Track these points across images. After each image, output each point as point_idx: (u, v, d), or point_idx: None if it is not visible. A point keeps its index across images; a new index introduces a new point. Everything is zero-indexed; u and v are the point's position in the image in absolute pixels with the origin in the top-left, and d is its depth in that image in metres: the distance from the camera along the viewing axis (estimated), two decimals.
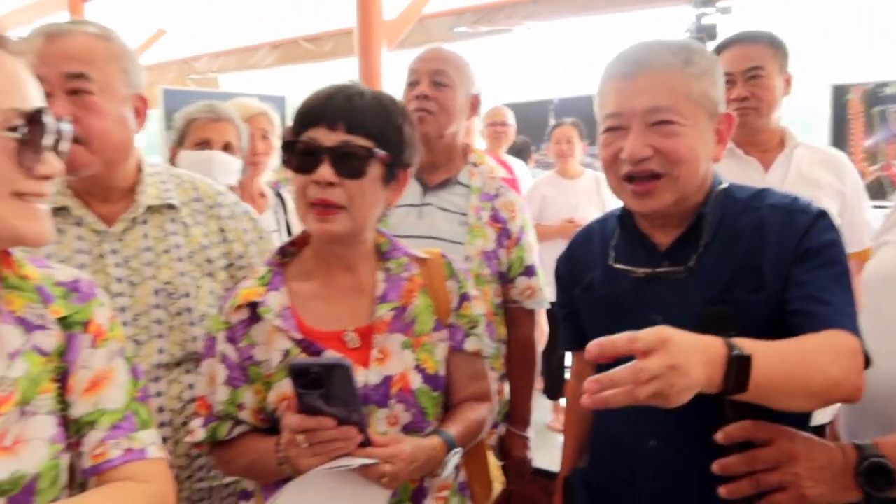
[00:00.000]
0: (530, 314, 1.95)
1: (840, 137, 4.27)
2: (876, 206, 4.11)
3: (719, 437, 1.04)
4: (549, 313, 2.05)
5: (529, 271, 1.90)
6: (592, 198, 4.16)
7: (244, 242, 1.58)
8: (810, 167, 2.10)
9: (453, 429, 1.27)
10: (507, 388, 1.96)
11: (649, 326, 1.08)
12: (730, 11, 3.65)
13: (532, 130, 5.12)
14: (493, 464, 1.50)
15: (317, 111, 1.22)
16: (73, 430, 0.95)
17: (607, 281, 1.27)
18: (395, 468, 1.13)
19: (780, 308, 1.11)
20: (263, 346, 1.25)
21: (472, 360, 1.37)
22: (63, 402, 0.94)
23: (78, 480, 0.96)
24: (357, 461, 1.11)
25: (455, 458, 1.25)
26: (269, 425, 1.27)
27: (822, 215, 1.16)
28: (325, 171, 1.19)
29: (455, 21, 6.31)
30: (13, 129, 0.84)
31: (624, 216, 1.30)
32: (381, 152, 1.22)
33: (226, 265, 1.55)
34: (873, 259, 1.45)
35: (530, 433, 2.00)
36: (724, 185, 1.23)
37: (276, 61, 7.47)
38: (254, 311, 1.25)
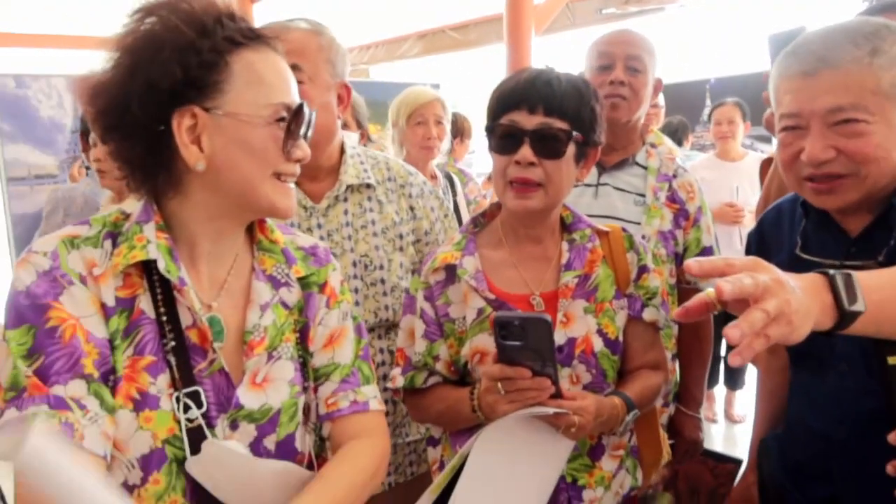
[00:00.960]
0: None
1: None
2: None
3: (892, 437, 1.01)
4: None
5: (706, 252, 1.89)
6: (754, 181, 3.97)
7: (431, 220, 1.70)
8: None
9: (631, 391, 1.35)
10: (678, 368, 1.97)
11: None
12: None
13: (688, 112, 4.95)
14: (663, 436, 1.54)
15: (518, 95, 1.30)
16: (312, 377, 1.10)
17: (794, 269, 1.25)
18: (584, 419, 1.22)
19: None
20: (458, 305, 1.38)
21: (648, 329, 1.44)
22: (302, 351, 1.08)
23: (312, 420, 1.10)
24: (550, 409, 1.20)
25: (632, 418, 1.33)
26: (459, 378, 1.41)
27: None
28: (526, 152, 1.28)
29: (603, 2, 6.21)
30: (281, 119, 0.98)
31: (806, 202, 1.25)
32: (577, 134, 1.29)
33: (414, 240, 1.67)
34: None
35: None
36: None
37: (423, 51, 7.70)
38: (450, 273, 1.39)
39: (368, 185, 1.64)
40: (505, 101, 1.32)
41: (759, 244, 1.40)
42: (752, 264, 0.80)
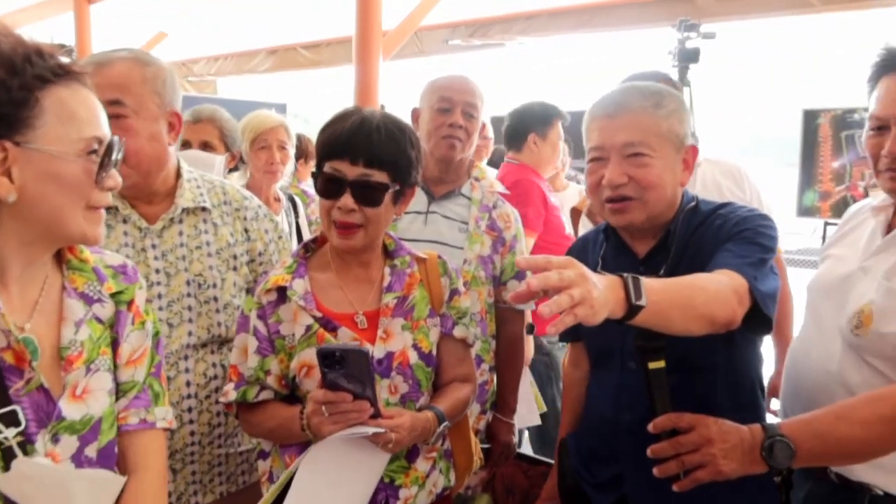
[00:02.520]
0: (519, 314, 2.17)
1: (809, 158, 4.54)
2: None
3: (650, 427, 1.26)
4: None
5: (520, 276, 2.12)
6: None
7: (265, 241, 1.80)
8: (714, 180, 2.30)
9: (443, 405, 1.54)
10: (495, 379, 2.18)
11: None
12: (713, 37, 3.83)
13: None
14: (475, 442, 1.74)
15: (341, 145, 1.46)
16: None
17: None
18: (399, 436, 1.39)
19: None
20: (288, 323, 1.50)
21: (458, 345, 1.64)
22: (114, 365, 1.15)
23: None
24: (370, 429, 1.36)
25: (443, 429, 1.52)
26: (290, 392, 1.53)
27: (766, 218, 1.40)
28: (348, 200, 1.44)
29: (450, 34, 6.54)
30: (93, 151, 1.04)
31: (608, 230, 1.54)
32: (394, 185, 1.47)
33: (248, 261, 1.77)
34: (818, 270, 1.68)
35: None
36: (693, 202, 1.47)
37: (273, 67, 7.66)
38: (281, 294, 1.51)
39: (204, 209, 1.71)
40: (329, 149, 1.47)
41: None
42: (566, 262, 1.02)
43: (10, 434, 0.98)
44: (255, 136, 2.76)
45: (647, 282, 1.10)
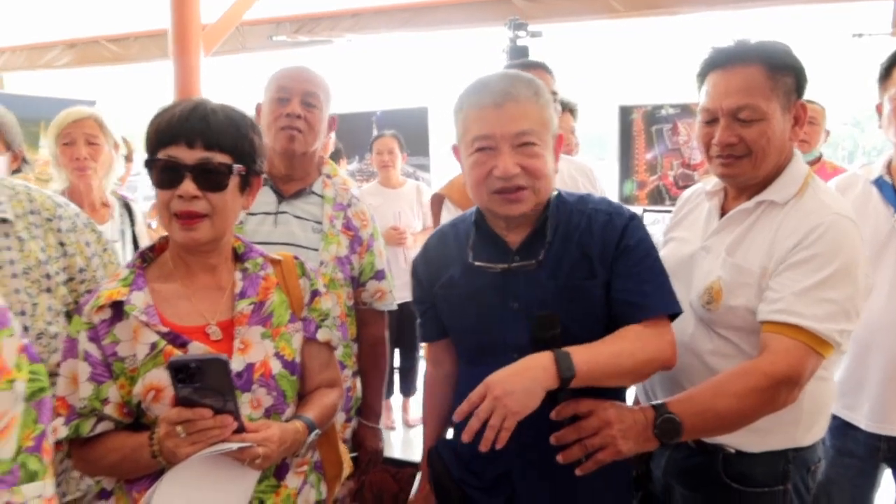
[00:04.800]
0: (380, 315, 2.10)
1: (626, 151, 4.89)
2: (655, 211, 4.79)
3: (553, 415, 1.29)
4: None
5: (379, 275, 2.05)
6: (414, 206, 4.36)
7: (86, 256, 1.58)
8: (570, 175, 2.44)
9: (312, 413, 1.44)
10: (359, 384, 2.09)
11: (508, 312, 1.40)
12: (540, 35, 4.03)
13: (355, 141, 5.27)
14: (343, 450, 1.66)
15: (174, 130, 1.31)
16: None
17: (468, 277, 1.47)
18: (268, 450, 1.27)
19: (608, 292, 1.39)
20: (128, 343, 1.32)
21: (323, 349, 1.54)
22: None
23: None
24: (235, 445, 1.22)
25: (314, 438, 1.42)
26: (132, 420, 1.34)
27: (634, 217, 1.45)
28: (189, 186, 1.30)
29: (274, 29, 6.29)
30: None
31: (479, 221, 1.50)
32: (238, 166, 1.35)
33: (66, 279, 1.54)
34: (662, 252, 1.79)
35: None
36: (556, 192, 1.48)
37: (74, 62, 6.93)
38: (117, 311, 1.32)
39: (4, 220, 1.46)
40: (162, 136, 1.32)
41: (426, 264, 1.59)
42: (482, 390, 1.24)
43: None
44: (59, 132, 2.45)
45: (573, 351, 1.26)
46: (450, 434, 1.67)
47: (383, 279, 2.06)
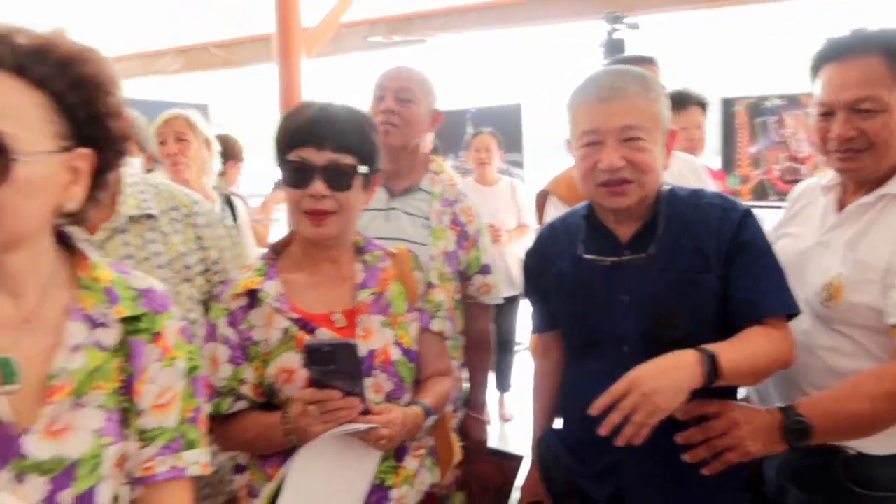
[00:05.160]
0: (486, 309, 2.15)
1: (728, 145, 4.75)
2: (759, 207, 4.62)
3: (680, 415, 1.29)
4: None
5: (485, 270, 2.10)
6: (509, 203, 4.39)
7: (219, 249, 1.69)
8: (679, 171, 2.37)
9: (428, 399, 1.50)
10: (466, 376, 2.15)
11: (618, 305, 1.41)
12: (637, 27, 3.96)
13: (450, 139, 5.35)
14: (454, 437, 1.72)
15: (305, 134, 1.41)
16: (137, 433, 1.02)
17: (578, 270, 1.50)
18: (391, 432, 1.35)
19: (724, 286, 1.39)
20: (262, 328, 1.43)
21: (436, 339, 1.61)
22: (125, 402, 1.00)
23: (124, 480, 1.02)
24: (362, 426, 1.30)
25: (431, 423, 1.50)
26: (266, 400, 1.45)
27: (749, 213, 1.43)
28: (319, 187, 1.39)
29: (369, 30, 6.45)
30: None
31: (589, 215, 1.53)
32: (363, 167, 1.43)
33: (202, 270, 1.65)
34: (775, 247, 1.75)
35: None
36: (668, 186, 1.49)
37: (184, 67, 7.34)
38: (252, 298, 1.43)
39: (150, 216, 1.59)
40: (293, 138, 1.42)
41: (537, 257, 1.63)
42: (626, 386, 1.23)
43: None
44: (155, 133, 2.68)
45: (720, 355, 1.26)
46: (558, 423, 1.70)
47: (489, 273, 2.10)
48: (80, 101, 0.92)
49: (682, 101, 3.04)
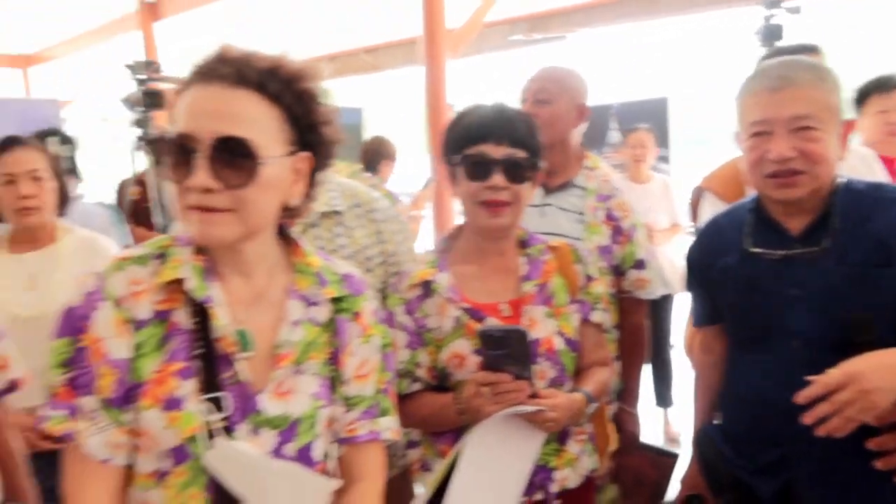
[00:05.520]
0: (640, 303, 2.16)
1: None
2: None
3: (874, 421, 1.26)
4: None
5: (640, 265, 2.10)
6: (661, 202, 4.26)
7: (395, 242, 1.82)
8: (849, 163, 2.25)
9: (589, 387, 1.57)
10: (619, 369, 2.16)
11: (788, 299, 1.40)
12: (798, 11, 3.71)
13: (592, 135, 5.30)
14: (611, 426, 1.78)
15: (486, 129, 1.51)
16: (342, 399, 1.17)
17: (744, 264, 1.49)
18: (557, 415, 1.43)
19: None
20: (436, 316, 1.55)
21: (596, 330, 1.66)
22: (332, 371, 1.16)
23: (332, 439, 1.18)
24: (531, 408, 1.39)
25: (593, 410, 1.56)
26: (438, 383, 1.56)
27: None
28: (498, 179, 1.49)
29: (510, 29, 6.54)
30: None
31: (757, 208, 1.51)
32: (534, 161, 1.53)
33: (380, 262, 1.79)
34: None
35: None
36: (844, 178, 1.45)
37: (335, 72, 7.77)
38: (426, 289, 1.56)
39: (337, 212, 1.74)
40: (473, 134, 1.52)
41: (700, 251, 1.63)
42: (844, 380, 1.21)
43: (215, 418, 1.02)
44: None
45: None
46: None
47: (644, 268, 2.11)
48: (303, 112, 1.06)
49: (886, 85, 2.82)
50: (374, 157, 4.45)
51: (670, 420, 4.37)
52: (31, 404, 1.78)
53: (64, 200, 2.18)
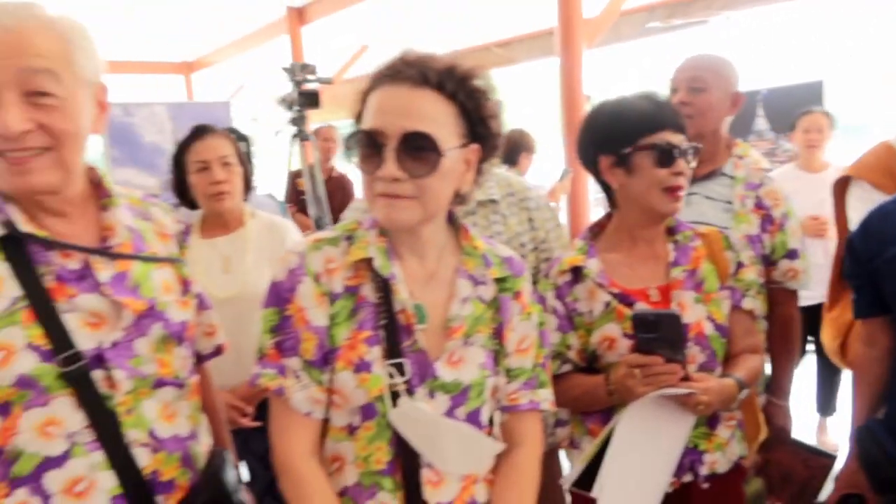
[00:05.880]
0: (791, 294, 2.10)
1: None
2: None
3: None
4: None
5: (792, 255, 2.05)
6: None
7: (546, 230, 1.91)
8: None
9: (740, 373, 1.57)
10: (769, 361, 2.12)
11: None
12: None
13: (737, 123, 5.09)
14: (760, 415, 1.76)
15: (668, 119, 1.57)
16: (505, 370, 1.29)
17: None
18: (708, 399, 1.45)
19: None
20: (586, 301, 1.61)
21: (746, 317, 1.66)
22: (496, 344, 1.27)
23: (496, 407, 1.30)
24: (682, 390, 1.43)
25: (744, 396, 1.55)
26: (587, 365, 1.62)
27: None
28: (683, 165, 1.55)
29: (648, 16, 6.38)
30: None
31: None
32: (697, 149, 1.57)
33: (532, 248, 1.88)
34: None
35: None
36: None
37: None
38: (576, 274, 1.62)
39: (493, 201, 1.85)
40: (656, 123, 1.56)
41: (866, 239, 1.58)
42: None
43: (398, 381, 1.16)
44: None
45: None
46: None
47: (796, 258, 2.06)
48: (474, 108, 1.17)
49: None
50: (515, 148, 4.52)
51: (828, 428, 4.07)
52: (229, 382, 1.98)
53: (248, 186, 2.30)
